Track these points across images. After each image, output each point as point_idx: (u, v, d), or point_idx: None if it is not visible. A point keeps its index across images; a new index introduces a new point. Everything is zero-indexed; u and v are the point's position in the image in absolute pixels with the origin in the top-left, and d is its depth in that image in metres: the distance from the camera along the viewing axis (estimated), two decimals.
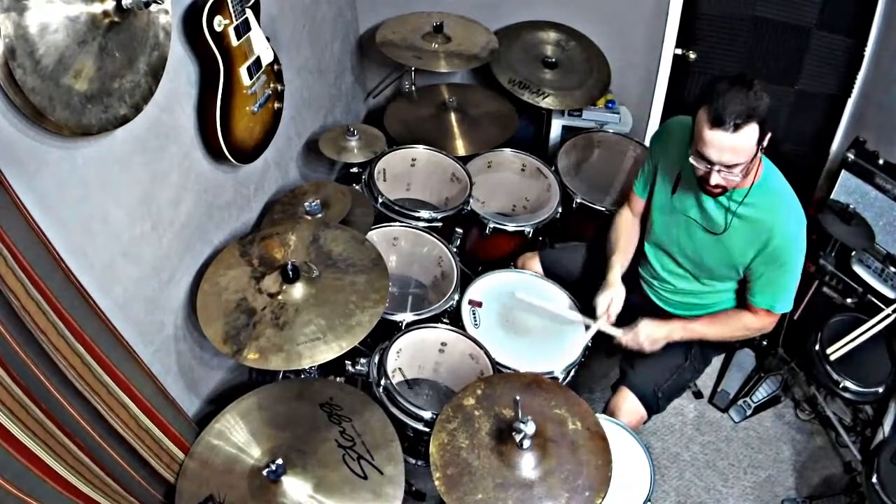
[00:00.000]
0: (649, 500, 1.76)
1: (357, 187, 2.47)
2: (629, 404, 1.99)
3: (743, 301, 1.95)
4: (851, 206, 2.30)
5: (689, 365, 2.05)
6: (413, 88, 2.97)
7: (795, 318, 2.52)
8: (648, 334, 1.93)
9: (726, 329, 1.96)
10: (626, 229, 2.13)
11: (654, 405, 2.01)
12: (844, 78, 2.67)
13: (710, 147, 1.61)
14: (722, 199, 1.78)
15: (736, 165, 1.62)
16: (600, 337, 2.06)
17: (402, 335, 2.04)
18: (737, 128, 1.56)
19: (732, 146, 1.58)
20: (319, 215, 2.20)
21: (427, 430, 1.82)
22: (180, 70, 1.75)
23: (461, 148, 2.73)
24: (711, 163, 1.63)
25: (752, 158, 1.63)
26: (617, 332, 1.98)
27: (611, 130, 2.90)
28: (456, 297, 2.17)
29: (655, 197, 2.00)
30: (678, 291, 2.05)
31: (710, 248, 1.88)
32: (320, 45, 2.74)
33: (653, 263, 2.08)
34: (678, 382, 2.05)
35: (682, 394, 2.17)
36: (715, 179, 1.66)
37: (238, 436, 1.76)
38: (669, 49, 2.87)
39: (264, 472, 1.60)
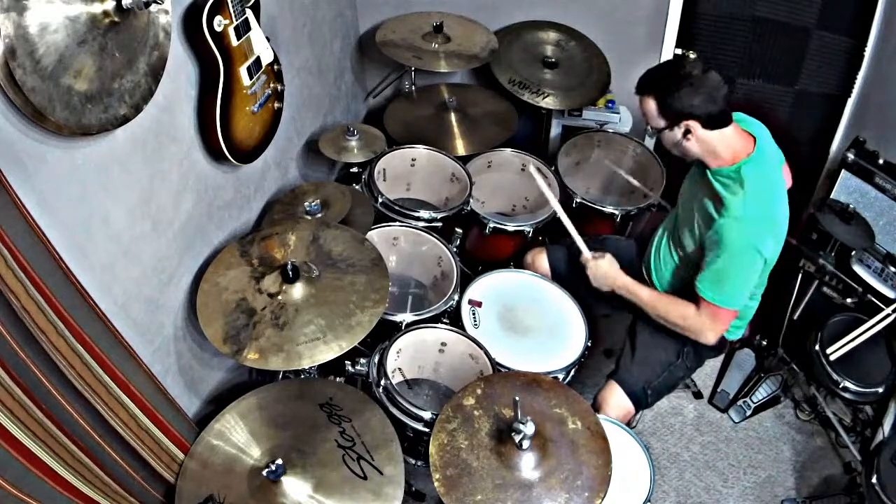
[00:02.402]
0: (649, 501, 1.76)
1: (357, 187, 2.47)
2: (616, 398, 2.00)
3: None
4: (851, 206, 2.30)
5: (681, 363, 2.06)
6: (413, 88, 2.97)
7: (795, 318, 2.53)
8: (604, 271, 2.04)
9: (666, 308, 1.96)
10: None
11: (642, 401, 2.02)
12: (844, 78, 2.67)
13: None
14: (709, 175, 1.84)
15: (652, 128, 1.82)
16: (598, 337, 2.05)
17: (402, 335, 2.04)
18: (637, 91, 1.81)
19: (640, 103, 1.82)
20: (319, 215, 2.21)
21: (427, 430, 1.82)
22: (180, 70, 1.76)
23: (461, 148, 2.73)
24: None
25: (666, 128, 1.78)
26: (585, 250, 2.09)
27: (611, 130, 2.90)
28: (456, 297, 2.17)
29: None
30: (669, 273, 2.06)
31: (686, 214, 1.94)
32: (320, 45, 2.74)
33: (655, 238, 2.13)
34: (668, 380, 2.05)
35: (673, 391, 2.17)
36: (648, 132, 1.87)
37: (238, 436, 1.76)
38: (669, 49, 2.87)
39: (264, 472, 1.60)
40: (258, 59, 1.94)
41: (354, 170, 2.58)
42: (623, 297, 2.05)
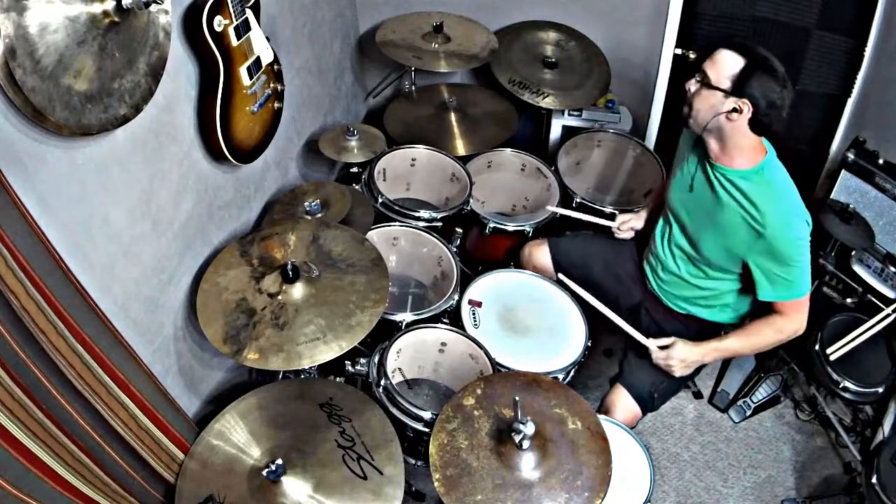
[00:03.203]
0: (649, 501, 1.75)
1: (357, 187, 2.47)
2: (624, 402, 2.00)
3: (757, 309, 1.95)
4: (851, 206, 2.30)
5: None
6: (413, 88, 2.97)
7: None
8: (682, 357, 1.94)
9: (759, 338, 1.93)
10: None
11: (649, 404, 2.02)
12: (844, 78, 2.67)
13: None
14: (720, 176, 1.82)
15: (705, 78, 1.75)
16: (598, 337, 2.04)
17: (402, 335, 2.04)
18: (729, 45, 1.74)
19: (714, 54, 1.76)
20: (319, 215, 2.21)
21: (427, 430, 1.82)
22: (180, 70, 1.76)
23: (461, 148, 2.73)
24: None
25: (722, 91, 1.71)
26: (650, 345, 1.98)
27: (611, 130, 2.90)
28: (456, 296, 2.17)
29: (675, 167, 2.04)
30: (677, 277, 2.04)
31: (706, 226, 1.89)
32: (320, 45, 2.74)
33: (656, 240, 2.09)
34: (674, 382, 2.05)
35: (678, 393, 2.17)
36: (689, 83, 1.81)
37: (238, 436, 1.76)
38: (669, 49, 2.87)
39: (264, 472, 1.60)
40: (258, 59, 1.94)
41: (354, 170, 2.58)
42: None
